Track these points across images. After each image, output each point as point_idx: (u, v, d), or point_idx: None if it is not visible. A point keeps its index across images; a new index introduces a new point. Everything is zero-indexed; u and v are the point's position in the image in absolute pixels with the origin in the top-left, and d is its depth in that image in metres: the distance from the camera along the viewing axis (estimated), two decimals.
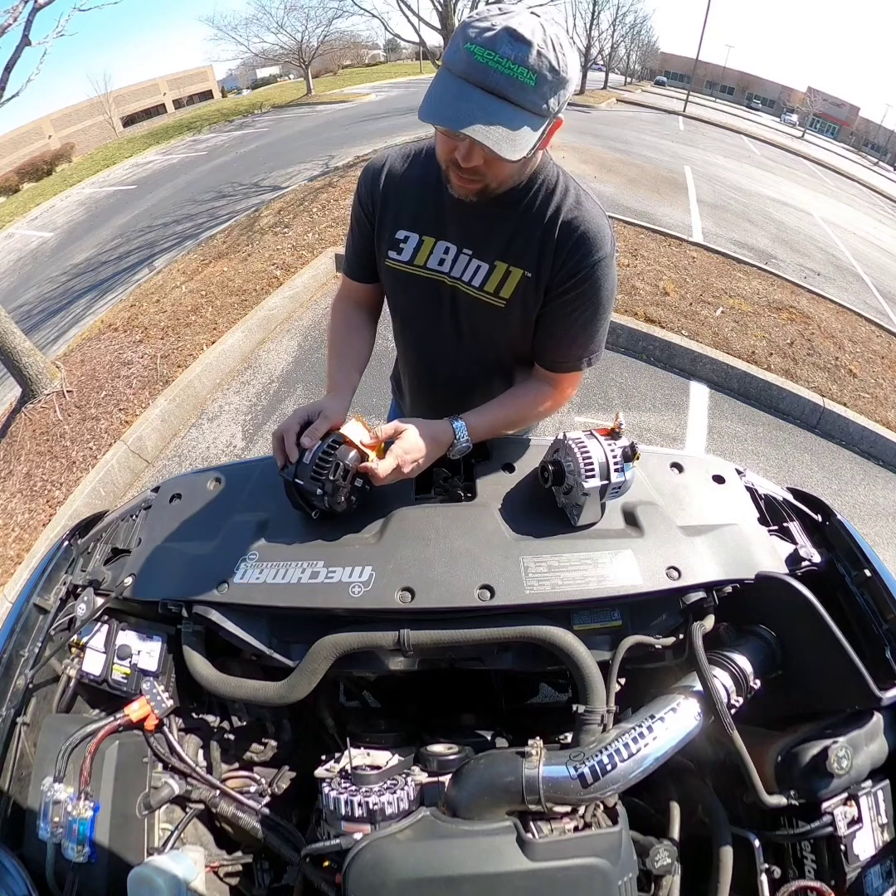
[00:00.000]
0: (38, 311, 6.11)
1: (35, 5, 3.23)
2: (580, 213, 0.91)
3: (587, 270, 0.91)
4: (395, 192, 1.00)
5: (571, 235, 0.91)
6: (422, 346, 1.17)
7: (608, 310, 0.98)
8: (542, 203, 0.92)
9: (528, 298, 0.97)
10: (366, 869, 0.62)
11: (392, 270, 1.04)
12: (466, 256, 0.97)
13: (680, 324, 4.25)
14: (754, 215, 8.58)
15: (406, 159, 1.02)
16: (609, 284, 0.95)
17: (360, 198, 1.05)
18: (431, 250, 1.00)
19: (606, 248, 0.92)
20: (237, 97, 36.13)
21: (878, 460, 3.63)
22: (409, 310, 1.12)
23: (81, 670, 0.87)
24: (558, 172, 0.94)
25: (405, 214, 1.00)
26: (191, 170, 11.88)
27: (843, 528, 0.93)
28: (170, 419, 3.44)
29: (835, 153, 31.26)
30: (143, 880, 0.67)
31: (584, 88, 21.69)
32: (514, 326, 1.02)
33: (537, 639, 0.79)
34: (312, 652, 0.80)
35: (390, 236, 1.02)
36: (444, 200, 0.96)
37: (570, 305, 0.96)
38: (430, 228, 0.99)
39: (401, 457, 0.87)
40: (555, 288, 0.95)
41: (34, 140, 28.06)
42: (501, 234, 0.94)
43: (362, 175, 1.04)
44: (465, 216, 0.95)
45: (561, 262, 0.92)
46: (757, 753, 0.74)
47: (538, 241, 0.92)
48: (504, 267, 0.95)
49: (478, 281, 0.98)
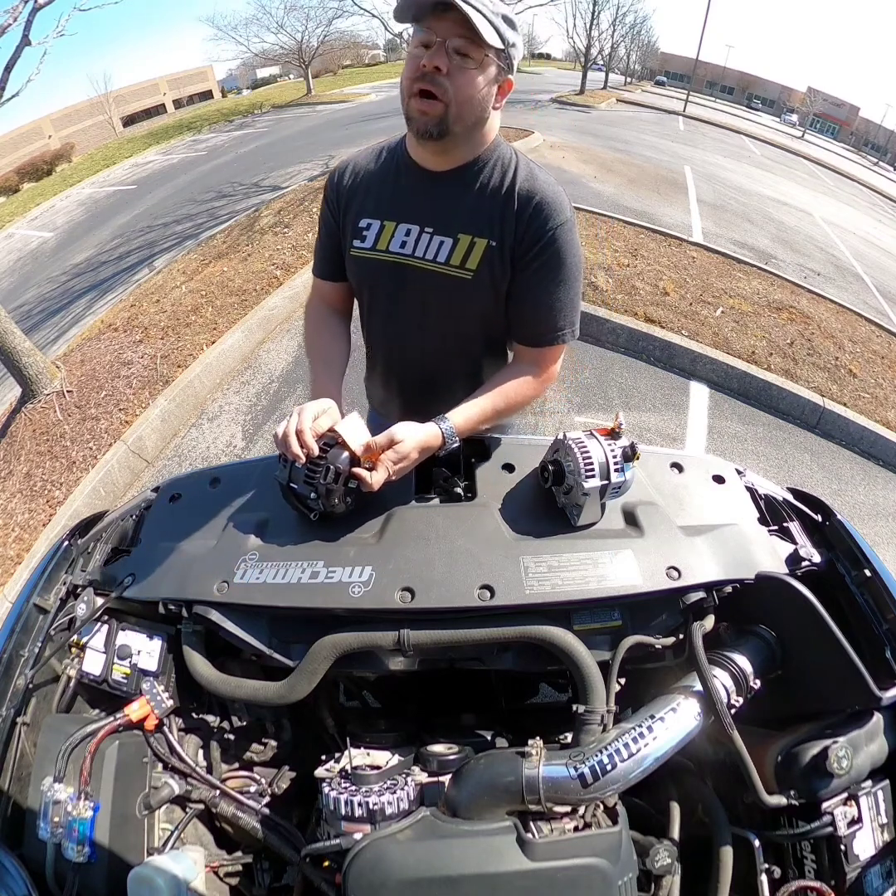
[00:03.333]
0: (38, 311, 6.11)
1: (35, 5, 3.23)
2: (536, 183, 0.97)
3: (550, 234, 0.96)
4: (358, 185, 1.06)
5: (530, 202, 0.96)
6: (389, 335, 1.17)
7: (578, 277, 1.02)
8: (498, 177, 0.98)
9: (495, 267, 0.99)
10: (366, 869, 0.62)
11: (357, 259, 1.07)
12: (428, 235, 1.00)
13: (680, 324, 4.25)
14: (754, 215, 8.58)
15: (370, 155, 1.09)
16: (574, 250, 0.99)
17: (327, 198, 1.10)
18: (393, 234, 1.02)
19: (566, 213, 0.97)
20: (237, 97, 36.13)
21: (878, 460, 3.63)
22: (376, 297, 1.13)
23: (81, 670, 0.87)
24: (511, 150, 1.01)
25: (367, 203, 1.04)
26: (191, 170, 11.88)
27: (843, 528, 0.93)
28: (170, 419, 3.44)
29: (835, 153, 31.24)
30: (143, 880, 0.67)
31: (584, 88, 21.65)
32: (484, 299, 1.04)
33: (537, 639, 0.79)
34: (312, 652, 0.80)
35: (354, 227, 1.05)
36: (405, 185, 1.02)
37: (540, 273, 0.99)
38: (390, 213, 1.03)
39: (391, 468, 0.88)
40: (522, 257, 0.98)
41: (34, 140, 28.07)
42: (462, 209, 0.99)
43: (329, 177, 1.11)
44: (424, 197, 1.00)
45: (523, 229, 0.96)
46: (757, 753, 0.74)
47: (499, 211, 0.97)
48: (468, 239, 0.98)
49: (443, 256, 1.00)
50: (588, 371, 3.91)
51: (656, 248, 5.53)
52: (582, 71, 23.03)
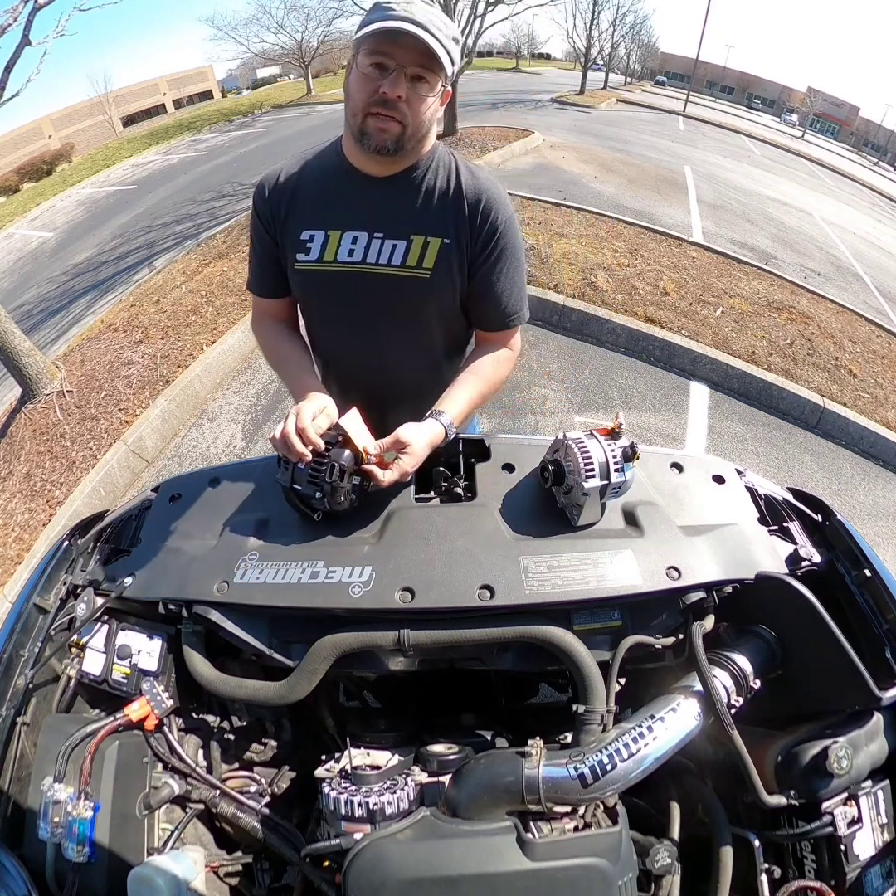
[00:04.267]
0: (38, 311, 6.11)
1: (35, 5, 3.23)
2: (479, 182, 1.00)
3: (502, 229, 1.01)
4: (293, 196, 1.02)
5: (479, 202, 0.99)
6: (345, 345, 1.14)
7: (524, 261, 1.10)
8: (442, 179, 1.00)
9: (453, 264, 1.01)
10: (366, 869, 0.62)
11: (302, 273, 1.04)
12: (378, 240, 0.99)
13: (680, 324, 4.25)
14: (754, 215, 8.58)
15: (299, 164, 1.04)
16: (519, 240, 1.06)
17: (258, 212, 1.06)
18: (339, 243, 1.00)
19: (510, 207, 1.03)
20: (237, 97, 36.10)
21: (878, 460, 3.63)
22: (326, 308, 1.10)
23: (81, 670, 0.87)
24: (446, 150, 1.04)
25: (308, 214, 1.01)
26: (191, 170, 11.88)
27: (843, 528, 0.93)
28: (170, 419, 3.44)
29: (835, 153, 31.22)
30: (143, 880, 0.67)
31: (584, 88, 21.63)
32: (443, 296, 1.05)
33: (537, 639, 0.79)
34: (312, 652, 0.80)
35: (295, 240, 1.02)
36: (347, 192, 1.00)
37: (497, 265, 1.04)
38: (333, 222, 1.00)
39: (405, 469, 0.89)
40: (480, 253, 1.02)
41: (34, 140, 28.06)
42: (411, 212, 0.99)
43: (256, 190, 1.05)
44: (369, 203, 0.99)
45: (478, 228, 1.00)
46: (757, 753, 0.74)
47: (451, 211, 0.99)
48: (421, 239, 0.99)
49: (397, 259, 1.00)
50: (588, 371, 3.91)
51: (656, 248, 5.53)
52: (582, 71, 23.01)
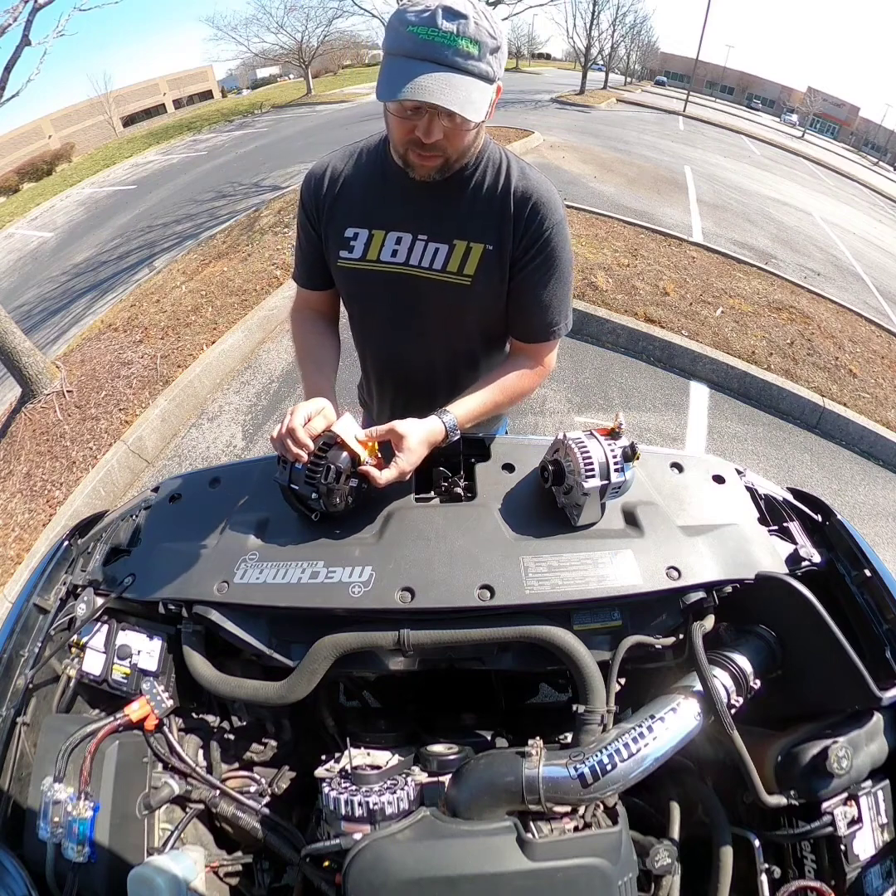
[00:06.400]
0: (38, 311, 6.11)
1: (35, 5, 3.23)
2: (529, 183, 0.95)
3: (548, 234, 0.96)
4: (339, 192, 1.01)
5: (526, 204, 0.94)
6: (385, 346, 1.15)
7: (571, 273, 1.03)
8: (490, 179, 0.96)
9: (493, 271, 0.98)
10: (366, 869, 0.62)
11: (345, 271, 1.04)
12: (422, 242, 0.98)
13: (680, 324, 4.25)
14: (754, 215, 8.58)
15: (347, 160, 1.03)
16: (567, 246, 1.00)
17: (304, 205, 1.05)
18: (383, 243, 0.99)
19: (560, 212, 0.97)
20: (237, 97, 36.13)
21: (878, 460, 3.63)
22: (368, 309, 1.10)
23: (81, 670, 0.87)
24: (499, 149, 0.99)
25: (352, 212, 1.00)
26: (191, 170, 11.88)
27: (843, 528, 0.93)
28: (170, 419, 3.43)
29: (835, 153, 31.22)
30: (143, 880, 0.67)
31: (584, 88, 21.64)
32: (483, 304, 1.03)
33: (537, 639, 0.79)
34: (312, 652, 0.80)
35: (339, 236, 1.01)
36: (392, 191, 0.98)
37: (538, 272, 0.99)
38: (378, 222, 0.99)
39: (403, 468, 0.88)
40: (521, 258, 0.97)
41: (34, 140, 28.06)
42: (456, 214, 0.96)
43: (304, 182, 1.05)
44: (415, 204, 0.97)
45: (522, 230, 0.95)
46: (757, 753, 0.74)
47: (496, 214, 0.95)
48: (464, 244, 0.96)
49: (439, 263, 0.98)
50: (588, 371, 3.91)
51: (656, 248, 5.53)
52: (582, 71, 23.01)
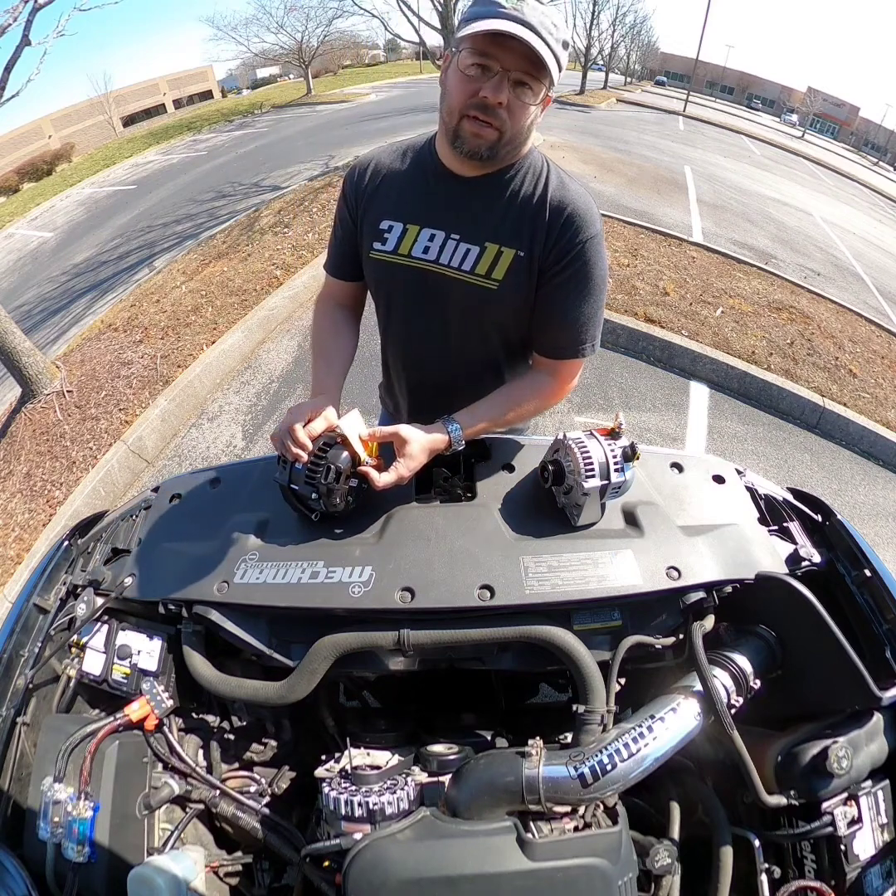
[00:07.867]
0: (38, 311, 6.11)
1: (35, 5, 3.23)
2: (567, 193, 0.94)
3: (580, 248, 0.93)
4: (380, 185, 1.02)
5: (561, 214, 0.93)
6: (409, 341, 1.15)
7: (603, 291, 0.99)
8: (529, 185, 0.95)
9: (521, 279, 0.97)
10: (366, 869, 0.62)
11: (376, 262, 1.04)
12: (454, 242, 0.97)
13: (680, 324, 4.25)
14: (754, 215, 8.58)
15: (392, 154, 1.04)
16: (602, 263, 0.96)
17: (346, 195, 1.06)
18: (416, 238, 0.99)
19: (597, 226, 0.94)
20: (237, 97, 36.10)
21: (878, 460, 3.63)
22: (395, 302, 1.10)
23: (81, 670, 0.87)
24: (541, 157, 0.98)
25: (390, 205, 1.01)
26: (191, 170, 11.87)
27: (843, 528, 0.93)
28: (170, 419, 3.44)
29: (835, 153, 31.22)
30: (143, 880, 0.67)
31: (584, 88, 21.66)
32: (507, 310, 1.02)
33: (537, 639, 0.79)
34: (312, 652, 0.80)
35: (374, 228, 1.02)
36: (432, 189, 0.98)
37: (567, 286, 0.96)
38: (414, 216, 0.99)
39: (402, 473, 0.88)
40: (550, 268, 0.96)
41: (34, 140, 28.04)
42: (491, 217, 0.96)
43: (349, 173, 1.06)
44: (452, 202, 0.97)
45: (553, 240, 0.93)
46: (757, 753, 0.74)
47: (529, 221, 0.94)
48: (495, 248, 0.95)
49: (468, 265, 0.97)
50: (588, 371, 3.91)
51: (656, 247, 5.53)
52: (582, 71, 22.99)
